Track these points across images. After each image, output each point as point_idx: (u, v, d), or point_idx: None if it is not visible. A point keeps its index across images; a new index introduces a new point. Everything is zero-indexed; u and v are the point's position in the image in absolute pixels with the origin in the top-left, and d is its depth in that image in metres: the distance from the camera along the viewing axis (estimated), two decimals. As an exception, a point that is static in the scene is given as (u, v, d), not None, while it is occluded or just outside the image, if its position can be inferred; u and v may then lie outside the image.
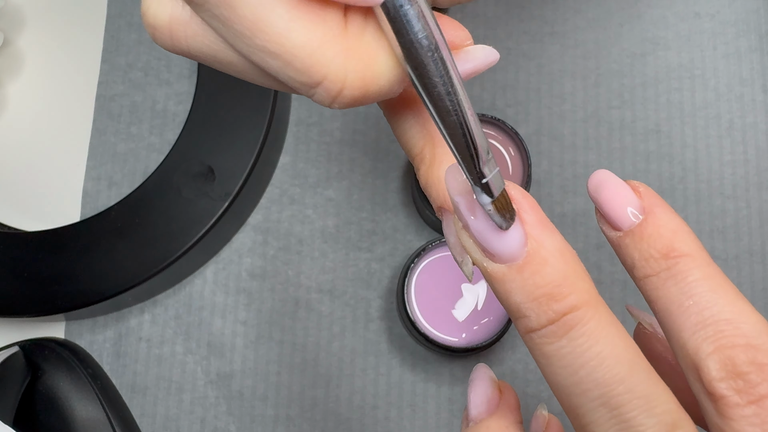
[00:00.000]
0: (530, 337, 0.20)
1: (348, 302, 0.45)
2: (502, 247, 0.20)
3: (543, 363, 0.20)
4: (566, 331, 0.20)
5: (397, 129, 0.23)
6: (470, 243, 0.21)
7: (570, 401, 0.20)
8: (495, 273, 0.20)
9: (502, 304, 0.21)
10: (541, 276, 0.20)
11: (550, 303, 0.20)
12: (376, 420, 0.43)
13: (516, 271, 0.20)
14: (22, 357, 0.40)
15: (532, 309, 0.20)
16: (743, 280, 0.45)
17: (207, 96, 0.44)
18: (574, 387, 0.20)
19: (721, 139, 0.46)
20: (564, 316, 0.20)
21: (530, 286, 0.20)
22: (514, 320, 0.21)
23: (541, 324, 0.20)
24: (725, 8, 0.48)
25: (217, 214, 0.42)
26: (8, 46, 0.50)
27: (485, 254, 0.20)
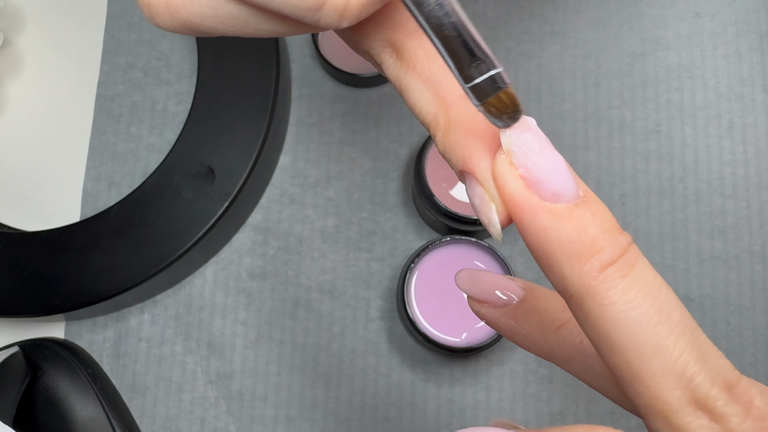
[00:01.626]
0: (607, 273, 0.19)
1: (348, 302, 0.45)
2: (569, 185, 0.20)
3: (623, 300, 0.19)
4: (636, 258, 0.20)
5: (410, 99, 0.23)
6: (524, 189, 0.20)
7: (658, 334, 0.19)
8: (563, 211, 0.20)
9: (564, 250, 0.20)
10: (604, 210, 0.20)
11: (618, 234, 0.20)
12: (376, 420, 0.43)
13: (584, 207, 0.20)
14: (22, 357, 0.40)
15: (606, 240, 0.20)
16: (743, 280, 0.45)
17: (207, 96, 0.44)
18: (660, 314, 0.19)
19: (721, 139, 0.46)
20: (630, 245, 0.20)
21: (601, 218, 0.20)
22: (584, 262, 0.20)
23: (617, 254, 0.20)
24: (725, 8, 0.48)
25: (217, 214, 0.42)
26: (8, 46, 0.50)
27: (544, 197, 0.20)
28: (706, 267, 0.45)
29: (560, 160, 0.20)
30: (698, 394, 0.19)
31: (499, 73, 0.20)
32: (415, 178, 0.43)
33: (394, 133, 0.47)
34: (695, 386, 0.19)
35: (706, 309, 0.44)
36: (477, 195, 0.22)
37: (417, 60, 0.23)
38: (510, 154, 0.20)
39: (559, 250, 0.20)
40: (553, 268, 0.20)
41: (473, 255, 0.42)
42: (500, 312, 0.25)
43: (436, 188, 0.42)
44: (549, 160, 0.20)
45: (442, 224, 0.43)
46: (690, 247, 0.45)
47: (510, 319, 0.25)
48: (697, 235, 0.45)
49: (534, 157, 0.20)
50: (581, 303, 0.20)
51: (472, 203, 0.22)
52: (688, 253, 0.45)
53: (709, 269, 0.45)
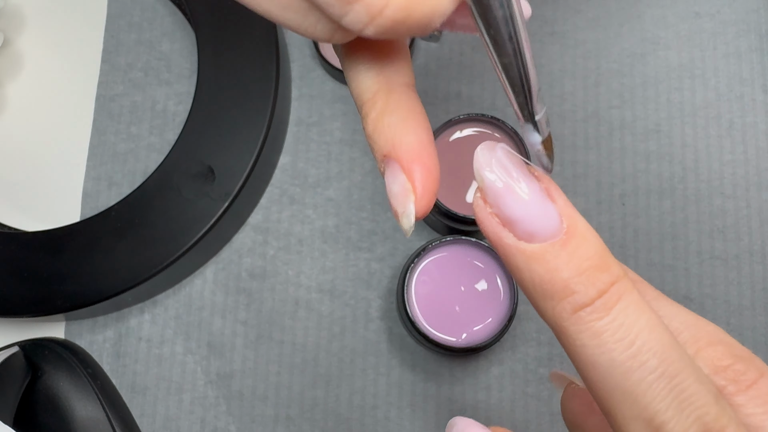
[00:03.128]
0: (579, 316, 0.19)
1: (348, 302, 0.45)
2: (543, 224, 0.19)
3: (593, 344, 0.19)
4: (616, 301, 0.19)
5: (351, 73, 0.23)
6: (497, 228, 0.20)
7: (627, 380, 0.19)
8: (535, 252, 0.19)
9: (537, 290, 0.20)
10: (585, 249, 0.19)
11: (597, 275, 0.19)
12: (376, 420, 0.43)
13: (560, 247, 0.19)
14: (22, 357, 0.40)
15: (581, 282, 0.19)
16: (743, 280, 0.45)
17: (207, 96, 0.44)
18: (632, 361, 0.19)
19: (721, 139, 0.46)
20: (612, 285, 0.19)
21: (577, 259, 0.19)
22: (556, 303, 0.19)
23: (591, 297, 0.19)
24: (725, 8, 0.48)
25: (217, 214, 0.42)
26: (8, 47, 0.50)
27: (518, 236, 0.19)
28: (706, 267, 0.45)
29: (535, 195, 0.20)
30: None
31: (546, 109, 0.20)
32: (415, 178, 0.43)
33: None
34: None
35: (706, 309, 0.44)
36: (398, 182, 0.21)
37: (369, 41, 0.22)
38: (483, 191, 0.20)
39: (533, 289, 0.20)
40: (532, 301, 0.20)
41: (473, 255, 0.42)
42: None
43: (436, 188, 0.42)
44: (521, 199, 0.19)
45: (442, 224, 0.43)
46: (690, 247, 0.45)
47: None
48: (697, 235, 0.45)
49: (503, 197, 0.20)
50: (558, 337, 0.20)
51: (390, 190, 0.22)
52: (688, 253, 0.45)
53: (709, 269, 0.45)
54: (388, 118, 0.22)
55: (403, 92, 0.22)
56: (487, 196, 0.20)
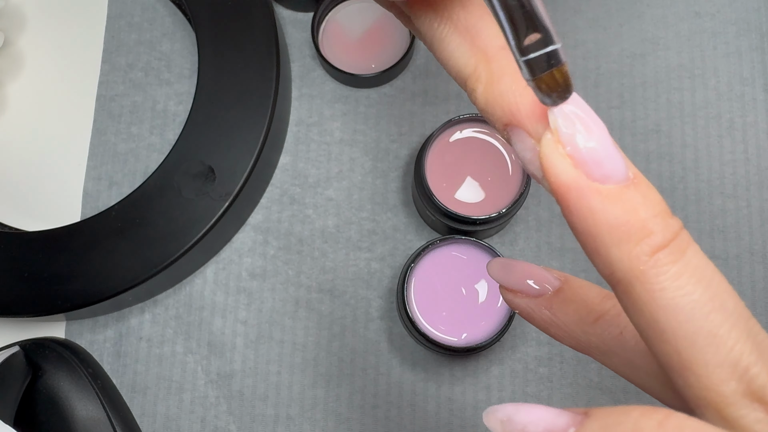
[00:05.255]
0: (658, 258, 0.18)
1: (348, 302, 0.45)
2: (617, 166, 0.19)
3: (675, 286, 0.18)
4: (688, 244, 0.19)
5: (444, 51, 0.22)
6: (571, 169, 0.19)
7: (711, 323, 0.18)
8: (612, 192, 0.19)
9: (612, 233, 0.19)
10: (655, 193, 0.19)
11: (669, 218, 0.19)
12: (377, 419, 0.43)
13: (634, 188, 0.19)
14: (23, 357, 0.40)
15: (658, 223, 0.19)
16: (744, 280, 0.45)
17: (207, 96, 0.44)
18: (713, 302, 0.18)
19: (722, 139, 0.46)
20: (682, 229, 0.19)
21: (651, 200, 0.19)
22: (634, 245, 0.19)
23: (668, 239, 0.19)
24: (725, 7, 0.48)
25: (217, 214, 0.42)
26: (9, 47, 0.50)
27: (593, 178, 0.19)
28: (706, 267, 0.45)
29: (609, 138, 0.19)
30: (754, 386, 0.18)
31: (556, 49, 0.19)
32: (415, 178, 0.43)
33: (394, 133, 0.47)
34: (751, 377, 0.18)
35: (706, 309, 0.44)
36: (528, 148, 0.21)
37: (452, 9, 0.21)
38: (557, 132, 0.19)
39: (608, 233, 0.19)
40: (600, 251, 0.19)
41: (473, 255, 0.42)
42: (535, 302, 0.24)
43: (436, 188, 0.42)
44: (599, 138, 0.19)
45: (442, 224, 0.43)
46: (690, 247, 0.45)
47: (545, 309, 0.24)
48: (697, 235, 0.45)
49: (583, 135, 0.19)
50: (629, 288, 0.19)
51: (521, 158, 0.21)
52: (688, 253, 0.45)
53: (709, 269, 0.45)
54: (497, 86, 0.21)
55: (503, 56, 0.21)
56: (564, 134, 0.19)
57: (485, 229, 0.43)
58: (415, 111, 0.47)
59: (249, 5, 0.45)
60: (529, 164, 0.21)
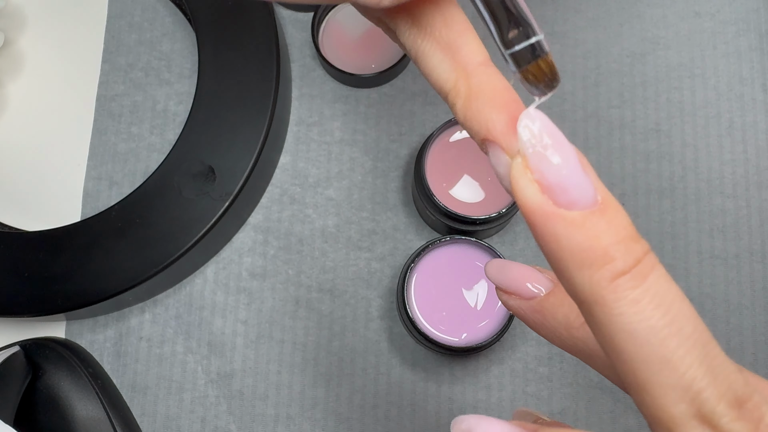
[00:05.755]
0: (617, 284, 0.19)
1: (348, 302, 0.45)
2: (583, 192, 0.19)
3: (632, 312, 0.19)
4: (650, 269, 0.19)
5: (426, 66, 0.23)
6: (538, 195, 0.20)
7: (665, 348, 0.19)
8: (576, 219, 0.19)
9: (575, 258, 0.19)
10: (620, 218, 0.20)
11: (633, 244, 0.19)
12: (377, 419, 0.43)
13: (599, 214, 0.19)
14: (23, 356, 0.40)
15: (619, 250, 0.19)
16: (743, 279, 0.45)
17: (207, 96, 0.44)
18: (670, 327, 0.19)
19: (721, 138, 0.46)
20: (645, 255, 0.19)
21: (615, 227, 0.19)
22: (595, 271, 0.19)
23: (629, 265, 0.19)
24: (725, 7, 0.48)
25: (217, 214, 0.42)
26: (9, 47, 0.50)
27: (558, 204, 0.20)
28: (706, 266, 0.45)
29: (575, 163, 0.20)
30: (704, 409, 0.19)
31: (539, 40, 0.19)
32: (415, 178, 0.43)
33: (394, 133, 0.47)
34: (701, 401, 0.18)
35: (706, 308, 0.44)
36: (502, 163, 0.21)
37: (434, 26, 0.22)
38: (525, 158, 0.20)
39: (571, 258, 0.19)
40: (564, 273, 0.20)
41: (473, 255, 0.42)
42: (527, 304, 0.25)
43: (436, 188, 0.42)
44: (565, 165, 0.20)
45: (442, 224, 0.43)
46: (690, 247, 0.45)
47: (536, 311, 0.25)
48: (697, 235, 0.45)
49: (548, 161, 0.20)
50: (590, 310, 0.20)
51: (496, 172, 0.22)
52: (688, 253, 0.45)
53: (709, 268, 0.45)
54: (475, 102, 0.22)
55: (482, 72, 0.22)
56: (531, 161, 0.20)
57: (485, 229, 0.43)
58: (415, 111, 0.47)
59: (249, 5, 0.45)
60: (502, 179, 0.21)
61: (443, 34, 0.22)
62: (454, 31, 0.22)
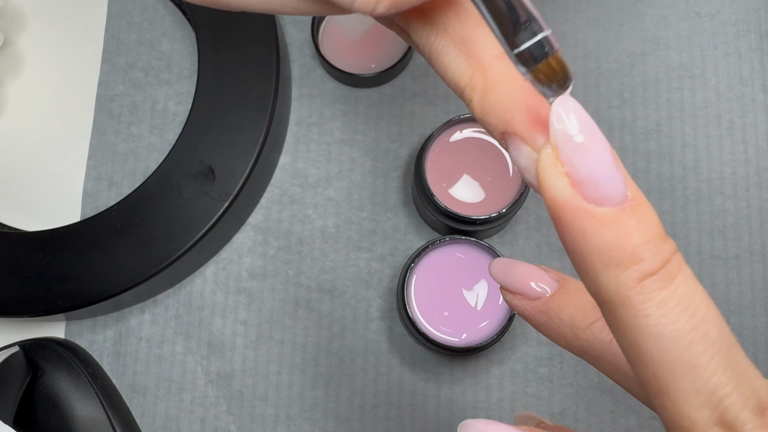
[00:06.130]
0: (644, 285, 0.18)
1: (348, 302, 0.45)
2: (615, 187, 0.18)
3: (658, 314, 0.18)
4: (678, 271, 0.19)
5: (441, 63, 0.22)
6: (568, 189, 0.19)
7: (691, 352, 0.18)
8: (607, 216, 0.18)
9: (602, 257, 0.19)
10: (650, 217, 0.19)
11: (662, 243, 0.19)
12: (377, 419, 0.43)
13: (630, 212, 0.18)
14: (23, 357, 0.40)
15: (649, 249, 0.18)
16: (743, 280, 0.45)
17: (207, 96, 0.44)
18: (696, 331, 0.18)
19: (722, 139, 0.46)
20: (673, 255, 0.19)
21: (645, 226, 0.18)
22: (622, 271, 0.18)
23: (657, 266, 0.18)
24: (725, 8, 0.48)
25: (217, 214, 0.42)
26: (9, 46, 0.50)
27: (589, 199, 0.18)
28: (707, 266, 0.45)
29: (609, 156, 0.19)
30: (727, 416, 0.18)
31: (546, 36, 0.18)
32: (415, 178, 0.43)
33: (394, 133, 0.47)
34: (725, 407, 0.18)
35: (706, 309, 0.44)
36: (524, 155, 0.20)
37: (447, 21, 0.22)
38: (557, 149, 0.19)
39: (598, 257, 0.19)
40: (589, 272, 0.19)
41: (473, 255, 0.42)
42: (532, 305, 0.24)
43: (436, 188, 0.42)
44: (599, 158, 0.18)
45: (442, 224, 0.43)
46: (690, 247, 0.45)
47: (542, 312, 0.24)
48: (697, 235, 0.45)
49: (582, 153, 0.18)
50: (614, 311, 0.19)
51: (517, 164, 0.21)
52: (688, 253, 0.45)
53: (709, 269, 0.45)
54: (492, 95, 0.21)
55: (498, 65, 0.21)
56: (563, 152, 0.19)
57: (485, 229, 0.43)
58: (415, 111, 0.47)
59: (249, 5, 0.45)
60: (525, 172, 0.21)
61: (457, 30, 0.22)
62: (467, 25, 0.21)
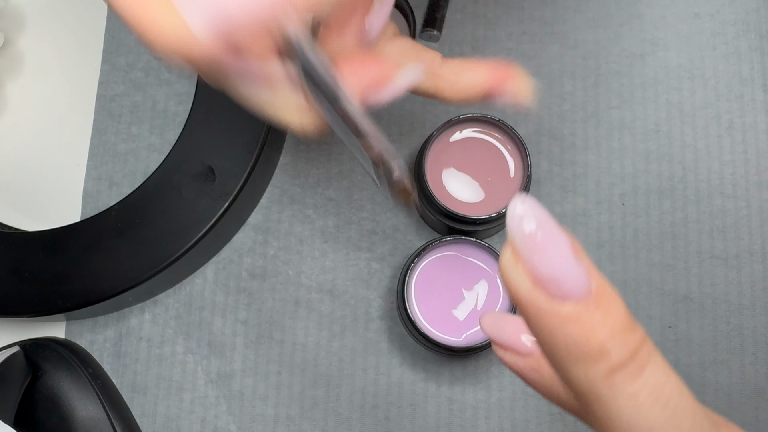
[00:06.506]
0: (612, 380, 0.19)
1: (348, 302, 0.45)
2: (577, 283, 0.18)
3: (630, 406, 0.19)
4: (647, 361, 0.19)
5: None
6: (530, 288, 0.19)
7: None
8: (571, 313, 0.19)
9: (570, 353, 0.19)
10: (615, 308, 0.19)
11: (629, 335, 0.19)
12: (377, 419, 0.43)
13: (594, 307, 0.19)
14: (23, 357, 0.40)
15: (615, 343, 0.19)
16: (743, 280, 0.45)
17: (207, 96, 0.44)
18: (668, 424, 0.18)
19: (721, 139, 0.46)
20: (642, 345, 0.19)
21: (610, 319, 0.19)
22: (590, 366, 0.19)
23: (625, 359, 0.19)
24: (725, 8, 0.48)
25: (217, 214, 0.42)
26: (9, 47, 0.50)
27: (552, 297, 0.19)
28: (706, 266, 0.45)
29: (568, 252, 0.19)
30: None
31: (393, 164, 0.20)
32: (415, 178, 0.43)
33: (394, 133, 0.47)
34: None
35: (706, 308, 0.44)
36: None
37: None
38: (515, 249, 0.19)
39: (566, 352, 0.19)
40: (559, 366, 0.19)
41: (473, 255, 0.42)
42: (524, 362, 0.24)
43: (436, 188, 0.42)
44: (558, 255, 0.19)
45: (442, 224, 0.43)
46: (690, 247, 0.45)
47: (534, 370, 0.24)
48: (696, 235, 0.45)
49: (541, 253, 0.19)
50: (588, 404, 0.19)
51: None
52: (688, 253, 0.45)
53: (709, 269, 0.45)
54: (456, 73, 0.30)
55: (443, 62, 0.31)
56: (521, 252, 0.19)
57: (485, 229, 0.43)
58: (415, 111, 0.47)
59: (249, 5, 0.45)
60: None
61: None
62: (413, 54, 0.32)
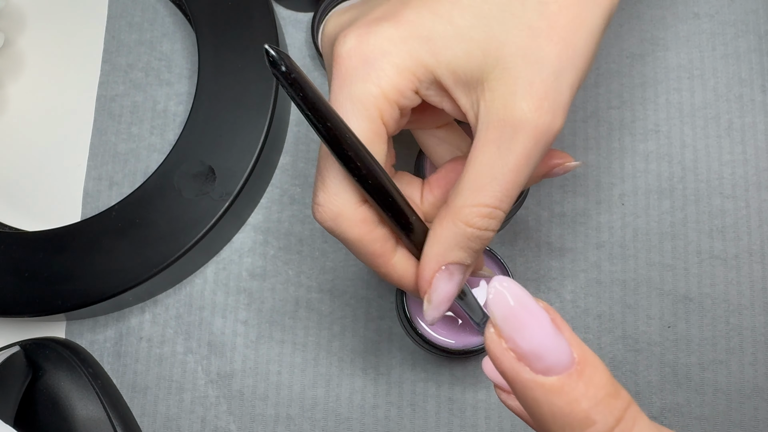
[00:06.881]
0: None
1: (348, 302, 0.45)
2: (559, 356, 0.19)
3: None
4: (632, 426, 0.19)
5: None
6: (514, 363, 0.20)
7: None
8: (554, 385, 0.19)
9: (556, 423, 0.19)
10: (598, 377, 0.20)
11: (613, 402, 0.19)
12: (377, 419, 0.43)
13: (577, 377, 0.19)
14: (23, 357, 0.40)
15: (600, 412, 0.19)
16: (742, 280, 0.45)
17: (207, 96, 0.44)
18: None
19: (721, 139, 0.47)
20: (626, 411, 0.19)
21: (593, 388, 0.19)
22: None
23: (610, 426, 0.19)
24: (724, 9, 0.48)
25: (217, 214, 0.42)
26: (9, 47, 0.50)
27: (535, 370, 0.20)
28: (706, 266, 0.45)
29: (548, 328, 0.20)
30: None
31: None
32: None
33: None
34: None
35: (705, 308, 0.44)
36: None
37: None
38: (498, 327, 0.20)
39: (552, 422, 0.20)
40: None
41: (473, 255, 0.42)
42: None
43: (436, 188, 0.42)
44: (538, 332, 0.19)
45: (442, 224, 0.43)
46: (689, 247, 0.45)
47: None
48: (696, 235, 0.45)
49: (521, 331, 0.20)
50: None
51: None
52: (688, 253, 0.45)
53: (709, 269, 0.45)
54: None
55: None
56: (503, 331, 0.20)
57: (485, 229, 0.43)
58: (415, 111, 0.47)
59: (249, 5, 0.45)
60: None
61: None
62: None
